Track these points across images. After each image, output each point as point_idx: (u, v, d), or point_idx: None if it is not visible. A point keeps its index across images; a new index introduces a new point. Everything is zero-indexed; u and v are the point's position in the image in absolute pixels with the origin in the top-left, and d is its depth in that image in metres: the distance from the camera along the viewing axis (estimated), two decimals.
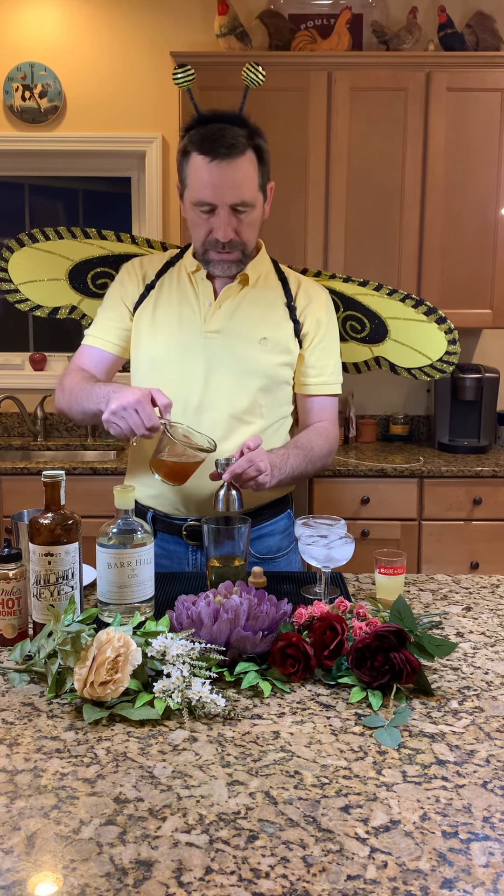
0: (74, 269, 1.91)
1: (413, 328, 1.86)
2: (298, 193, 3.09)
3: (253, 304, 1.71)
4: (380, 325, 1.87)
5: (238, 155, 1.55)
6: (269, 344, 1.69)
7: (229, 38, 3.16)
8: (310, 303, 1.74)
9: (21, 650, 1.27)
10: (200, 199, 1.58)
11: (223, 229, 1.59)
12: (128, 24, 3.36)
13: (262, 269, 1.74)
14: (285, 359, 1.72)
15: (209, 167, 1.55)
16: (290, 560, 1.84)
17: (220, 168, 1.54)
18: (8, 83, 3.35)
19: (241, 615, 1.23)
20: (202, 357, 1.68)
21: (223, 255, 1.63)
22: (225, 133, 1.55)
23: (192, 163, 1.58)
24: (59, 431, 3.57)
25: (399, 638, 1.19)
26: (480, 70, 3.04)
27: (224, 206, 1.57)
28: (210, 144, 1.54)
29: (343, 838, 0.87)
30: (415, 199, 3.11)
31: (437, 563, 3.01)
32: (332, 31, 3.18)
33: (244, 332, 1.68)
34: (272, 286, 1.74)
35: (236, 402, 1.68)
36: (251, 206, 1.60)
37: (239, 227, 1.61)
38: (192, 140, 1.58)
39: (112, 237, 1.86)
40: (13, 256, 1.90)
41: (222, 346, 1.68)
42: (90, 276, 1.92)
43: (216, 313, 1.69)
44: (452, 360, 1.88)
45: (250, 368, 1.68)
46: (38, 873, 0.81)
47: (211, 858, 0.83)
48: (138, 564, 1.37)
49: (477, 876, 0.81)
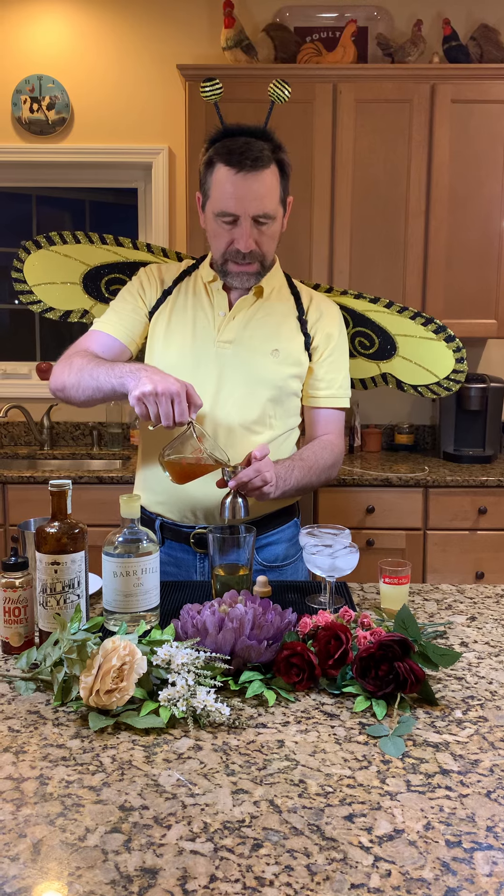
0: (89, 273, 1.93)
1: (421, 346, 1.87)
2: (304, 204, 3.11)
3: (266, 316, 1.73)
4: (388, 341, 1.89)
5: (263, 168, 1.58)
6: (280, 355, 1.70)
7: (235, 51, 3.19)
8: (321, 317, 1.76)
9: (27, 658, 1.28)
10: (224, 210, 1.61)
11: (245, 240, 1.61)
12: (135, 37, 3.39)
13: (275, 283, 1.77)
14: (295, 371, 1.73)
15: (234, 179, 1.58)
16: (296, 568, 1.84)
17: (245, 180, 1.57)
18: (16, 95, 3.38)
19: (245, 624, 1.24)
20: (214, 366, 1.69)
21: (243, 267, 1.66)
22: (251, 146, 1.59)
23: (216, 174, 1.61)
24: (66, 440, 3.59)
25: (403, 647, 1.20)
26: (485, 82, 3.06)
27: (247, 217, 1.60)
28: (237, 157, 1.58)
29: (347, 847, 0.87)
30: (419, 209, 3.12)
31: (443, 572, 3.01)
32: (338, 43, 3.21)
33: (256, 344, 1.70)
34: (285, 299, 1.76)
35: (246, 412, 1.69)
36: (272, 218, 1.63)
37: (260, 239, 1.64)
38: (217, 152, 1.61)
39: (128, 244, 1.88)
40: (29, 258, 1.92)
41: (234, 356, 1.69)
42: (104, 282, 1.94)
43: (230, 324, 1.71)
44: (459, 379, 1.89)
45: (261, 379, 1.70)
46: (44, 880, 0.82)
47: (215, 866, 0.84)
48: (144, 573, 1.38)
49: (480, 885, 0.82)
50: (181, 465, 1.54)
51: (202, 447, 1.53)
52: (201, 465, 1.55)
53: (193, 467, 1.55)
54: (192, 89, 3.07)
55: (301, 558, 1.85)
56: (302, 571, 1.86)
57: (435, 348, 1.86)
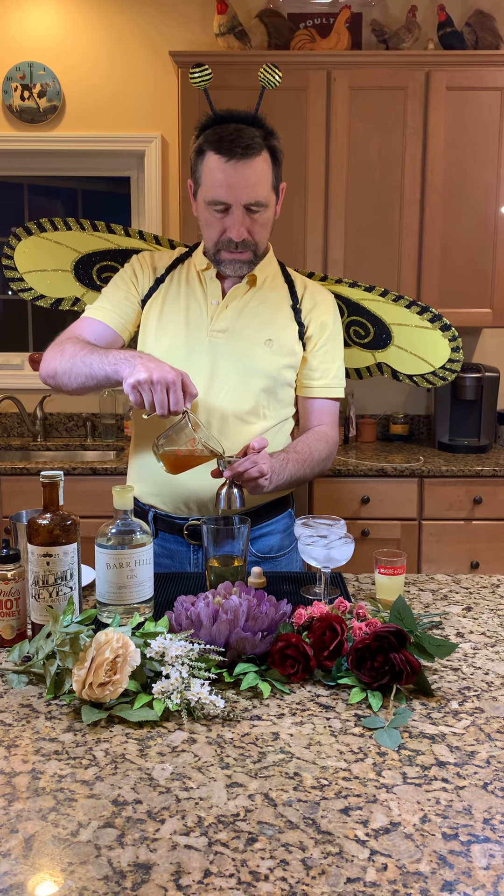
0: (80, 261, 1.90)
1: (417, 335, 1.86)
2: (298, 193, 3.09)
3: (259, 304, 1.71)
4: (383, 330, 1.87)
5: (254, 155, 1.56)
6: (273, 345, 1.69)
7: (228, 38, 3.16)
8: (315, 306, 1.75)
9: (19, 651, 1.26)
10: (215, 199, 1.58)
11: (237, 229, 1.59)
12: (127, 24, 3.35)
13: (269, 271, 1.75)
14: (289, 360, 1.72)
15: (225, 167, 1.55)
16: (290, 559, 1.83)
17: (236, 168, 1.55)
18: (7, 83, 3.35)
19: (240, 616, 1.23)
20: (207, 356, 1.68)
21: (235, 255, 1.64)
22: (242, 133, 1.56)
23: (207, 162, 1.58)
24: (59, 431, 3.57)
25: (399, 638, 1.19)
26: (480, 69, 3.04)
27: (238, 205, 1.58)
28: (227, 144, 1.55)
29: (343, 840, 0.86)
30: (414, 198, 3.10)
31: (437, 562, 3.01)
32: (332, 30, 3.18)
33: (250, 333, 1.68)
34: (279, 288, 1.74)
35: (239, 403, 1.68)
36: (265, 206, 1.61)
37: (252, 227, 1.62)
38: (207, 139, 1.58)
39: (120, 231, 1.85)
40: (20, 245, 1.90)
41: (227, 345, 1.68)
42: (95, 270, 1.92)
43: (223, 313, 1.69)
44: (455, 368, 1.88)
45: (255, 369, 1.68)
46: (36, 876, 0.81)
47: (210, 861, 0.83)
48: (137, 565, 1.36)
49: (477, 878, 0.81)
50: (175, 455, 1.53)
51: (196, 437, 1.51)
52: (196, 456, 1.53)
53: (188, 458, 1.53)
54: (185, 76, 3.03)
55: (295, 549, 1.84)
56: (296, 562, 1.85)
57: (431, 337, 1.84)
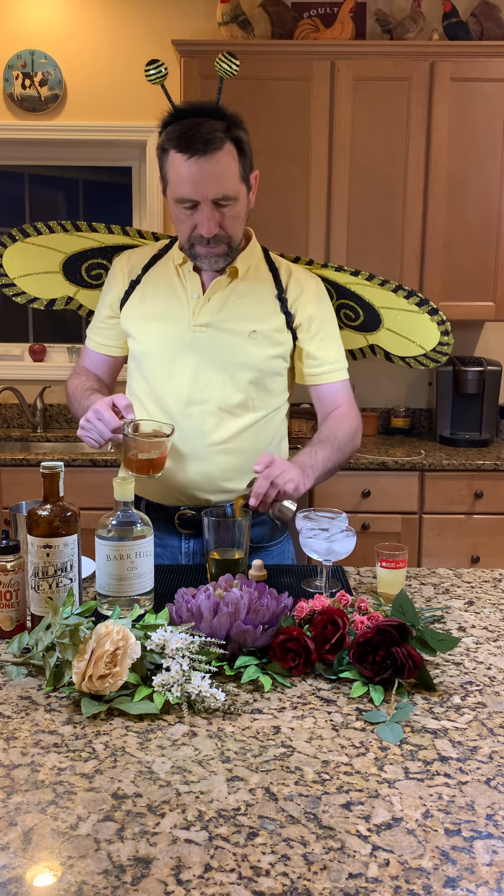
0: (68, 261, 1.91)
1: (405, 318, 1.84)
2: (301, 184, 3.07)
3: (242, 297, 1.69)
4: (373, 314, 1.86)
5: (216, 149, 1.52)
6: (258, 337, 1.67)
7: (231, 27, 3.13)
8: (301, 293, 1.72)
9: (19, 643, 1.26)
10: (182, 196, 1.57)
11: (206, 225, 1.57)
12: (129, 12, 3.32)
13: (251, 261, 1.72)
14: (276, 351, 1.70)
15: (188, 164, 1.53)
16: (283, 549, 1.84)
17: (199, 164, 1.52)
18: (8, 71, 3.32)
19: (241, 608, 1.22)
20: (191, 351, 1.67)
21: (209, 249, 1.62)
22: (201, 128, 1.53)
23: (170, 160, 1.56)
24: (59, 423, 3.56)
25: (401, 632, 1.18)
26: (485, 60, 3.02)
27: (206, 201, 1.56)
28: (186, 141, 1.52)
29: (344, 836, 0.85)
30: (418, 190, 3.08)
31: (438, 556, 3.00)
32: (336, 19, 3.15)
33: (233, 326, 1.67)
34: (262, 278, 1.72)
35: (227, 396, 1.67)
36: (233, 199, 1.58)
37: (223, 221, 1.59)
38: (168, 137, 1.56)
39: (103, 229, 1.85)
40: (7, 251, 1.91)
41: (211, 340, 1.66)
42: (84, 268, 1.92)
43: (205, 307, 1.67)
44: (446, 351, 1.87)
45: (240, 362, 1.67)
46: (35, 869, 0.80)
47: (210, 856, 0.82)
48: (137, 557, 1.35)
49: (480, 875, 0.80)
50: (137, 462, 1.54)
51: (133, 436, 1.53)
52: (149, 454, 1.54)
53: (149, 459, 1.54)
54: (188, 65, 3.01)
55: (287, 539, 1.85)
56: (288, 552, 1.85)
57: (419, 321, 1.83)
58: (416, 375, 3.55)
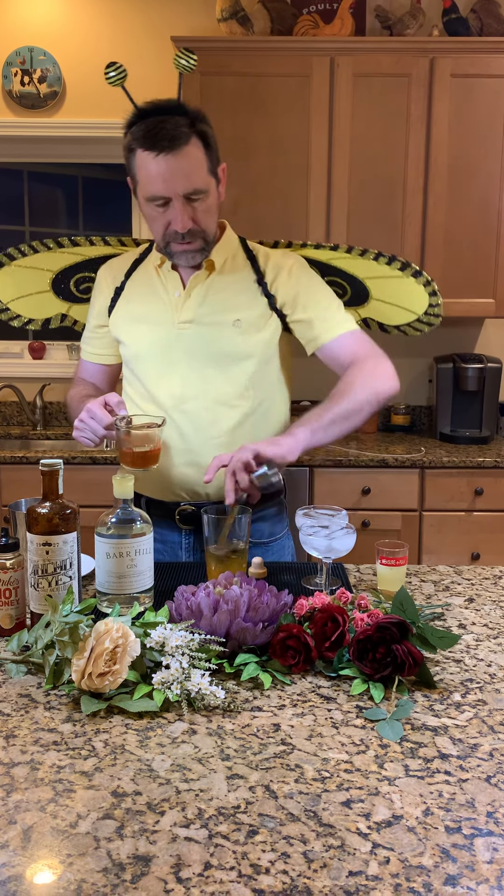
0: (56, 279, 1.94)
1: (392, 285, 1.84)
2: (300, 180, 3.06)
3: (222, 288, 1.69)
4: (360, 287, 1.86)
5: (182, 145, 1.54)
6: (243, 325, 1.67)
7: (230, 23, 3.12)
8: (279, 272, 1.71)
9: (18, 640, 1.25)
10: (153, 194, 1.57)
11: (180, 220, 1.58)
12: (128, 9, 3.32)
13: (228, 252, 1.72)
14: (264, 336, 1.69)
15: (156, 161, 1.54)
16: (282, 545, 1.84)
17: (167, 160, 1.53)
18: (7, 68, 3.31)
19: (241, 606, 1.22)
20: (179, 349, 1.68)
21: (185, 246, 1.63)
22: (165, 125, 1.54)
23: (138, 159, 1.57)
24: (59, 420, 3.55)
25: (401, 629, 1.18)
26: (485, 56, 3.01)
27: (177, 197, 1.56)
28: (152, 139, 1.53)
29: (344, 833, 0.85)
30: (418, 186, 3.08)
31: (438, 553, 3.00)
32: (335, 15, 3.14)
33: (216, 318, 1.67)
34: (240, 267, 1.72)
35: (220, 388, 1.68)
36: (204, 192, 1.59)
37: (195, 216, 1.60)
38: (134, 136, 1.57)
39: (84, 242, 1.88)
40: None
41: (196, 335, 1.67)
42: (73, 283, 1.95)
43: (186, 303, 1.68)
44: (437, 312, 1.86)
45: (228, 353, 1.67)
46: (35, 868, 0.80)
47: (210, 853, 0.82)
48: (137, 554, 1.35)
49: (481, 872, 0.80)
50: (131, 455, 1.55)
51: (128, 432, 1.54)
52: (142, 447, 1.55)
53: (143, 452, 1.55)
54: None
55: (287, 536, 1.86)
56: (288, 549, 1.85)
57: (405, 286, 1.83)
58: (417, 373, 3.55)
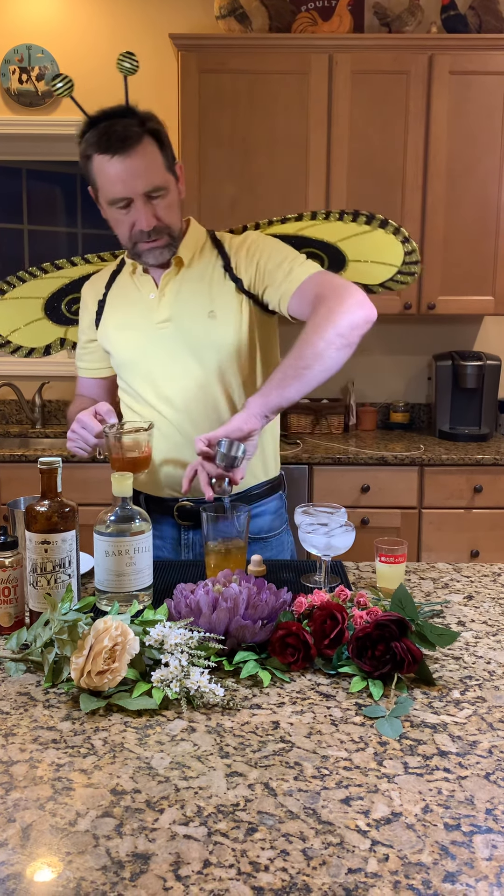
0: (47, 304, 1.96)
1: (364, 242, 1.84)
2: (299, 178, 3.06)
3: (194, 282, 1.70)
4: (335, 252, 1.86)
5: (135, 144, 1.55)
6: (217, 315, 1.67)
7: (229, 20, 3.12)
8: (238, 253, 1.71)
9: (17, 639, 1.25)
10: (114, 197, 1.59)
11: (145, 218, 1.59)
12: (126, 6, 3.31)
13: (196, 246, 1.72)
14: (241, 321, 1.69)
15: (112, 163, 1.55)
16: (282, 541, 1.84)
17: (123, 162, 1.55)
18: (5, 66, 3.31)
19: (240, 604, 1.22)
20: (160, 349, 1.69)
21: (152, 244, 1.64)
22: (116, 127, 1.56)
23: (95, 165, 1.59)
24: (58, 419, 3.55)
25: (400, 627, 1.18)
26: (484, 53, 3.01)
27: (138, 196, 1.58)
28: (105, 142, 1.55)
29: (343, 831, 0.85)
30: (416, 183, 3.07)
31: (437, 551, 3.00)
32: (334, 12, 3.14)
33: (191, 313, 1.68)
34: (209, 258, 1.72)
35: (207, 382, 1.68)
36: (164, 189, 1.60)
37: (158, 213, 1.61)
38: (88, 142, 1.59)
39: (66, 264, 1.90)
40: None
41: (174, 332, 1.68)
42: (64, 306, 1.97)
43: (161, 302, 1.70)
44: (415, 259, 1.85)
45: (207, 345, 1.68)
46: (34, 866, 0.80)
47: (209, 851, 0.82)
48: (136, 552, 1.35)
49: (480, 869, 0.80)
50: (121, 461, 1.56)
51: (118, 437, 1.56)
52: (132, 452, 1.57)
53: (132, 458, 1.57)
54: (185, 59, 3.00)
55: (286, 531, 1.86)
56: (287, 545, 1.86)
57: (377, 239, 1.83)
58: (416, 370, 3.55)
